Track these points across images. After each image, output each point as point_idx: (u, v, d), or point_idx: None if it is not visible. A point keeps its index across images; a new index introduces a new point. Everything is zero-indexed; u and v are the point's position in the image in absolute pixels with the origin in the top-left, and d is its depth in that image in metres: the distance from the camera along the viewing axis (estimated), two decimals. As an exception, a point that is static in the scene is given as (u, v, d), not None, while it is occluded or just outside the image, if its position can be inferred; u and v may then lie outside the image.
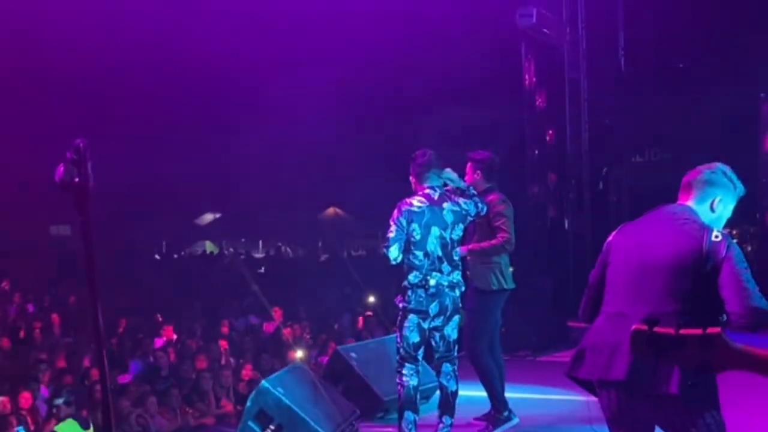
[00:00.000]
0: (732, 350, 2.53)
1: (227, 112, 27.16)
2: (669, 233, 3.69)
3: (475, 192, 6.20)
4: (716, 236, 3.61)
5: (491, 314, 6.78)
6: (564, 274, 11.97)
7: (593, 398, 3.90)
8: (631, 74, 14.23)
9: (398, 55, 20.48)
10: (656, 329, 2.61)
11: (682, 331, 2.55)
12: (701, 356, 2.53)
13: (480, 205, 6.10)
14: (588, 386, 3.83)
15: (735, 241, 3.70)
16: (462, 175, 6.49)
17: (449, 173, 6.12)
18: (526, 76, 12.59)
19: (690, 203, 3.81)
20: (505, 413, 6.69)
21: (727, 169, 3.86)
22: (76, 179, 2.62)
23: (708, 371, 2.59)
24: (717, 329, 2.53)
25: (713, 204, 3.80)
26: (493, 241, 6.56)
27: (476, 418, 6.91)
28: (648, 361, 3.13)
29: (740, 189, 3.86)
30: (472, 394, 6.97)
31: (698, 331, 2.53)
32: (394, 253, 5.83)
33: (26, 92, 24.24)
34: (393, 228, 5.84)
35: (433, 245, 5.85)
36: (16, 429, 8.39)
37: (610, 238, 3.93)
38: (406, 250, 5.86)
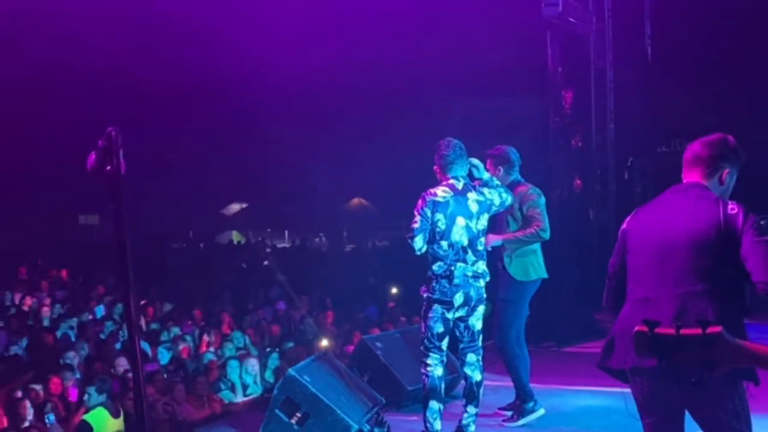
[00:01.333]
0: (733, 347, 2.54)
1: (254, 104, 27.25)
2: (685, 212, 3.65)
3: (499, 183, 6.20)
4: (732, 208, 3.57)
5: (525, 304, 6.80)
6: (589, 264, 11.92)
7: (620, 389, 3.90)
8: (658, 63, 14.12)
9: (423, 44, 20.48)
10: (657, 330, 2.62)
11: (683, 332, 2.56)
12: (703, 355, 2.54)
13: (504, 195, 6.10)
14: (620, 376, 3.81)
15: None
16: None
17: (475, 161, 6.12)
18: (551, 66, 12.51)
19: (699, 179, 3.76)
20: (531, 403, 6.70)
21: (729, 138, 3.80)
22: (108, 167, 2.61)
23: (711, 369, 2.60)
24: (718, 328, 2.55)
25: (722, 177, 3.75)
26: (528, 230, 6.58)
27: (501, 408, 6.93)
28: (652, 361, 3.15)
29: (743, 157, 3.80)
30: (497, 384, 6.98)
31: (698, 331, 2.54)
32: (418, 243, 5.83)
33: (58, 81, 24.46)
34: (417, 218, 5.83)
35: (457, 235, 5.84)
36: (46, 416, 8.52)
37: (624, 225, 3.88)
38: (431, 240, 5.85)
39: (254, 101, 27.12)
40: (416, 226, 5.83)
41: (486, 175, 6.14)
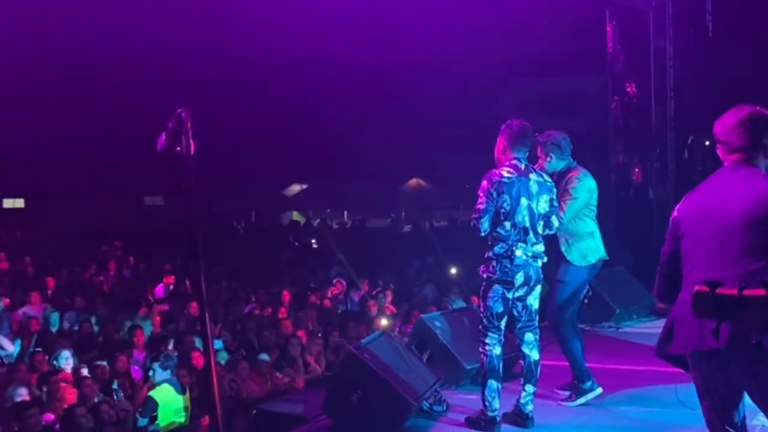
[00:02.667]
0: None
1: (314, 86, 27.43)
2: (735, 192, 3.61)
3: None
4: None
5: (583, 286, 6.75)
6: (647, 244, 11.83)
7: (674, 370, 3.90)
8: (719, 40, 13.87)
9: (479, 26, 20.38)
10: (719, 291, 2.61)
11: (746, 292, 2.54)
12: (765, 316, 2.51)
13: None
14: (680, 362, 3.78)
15: None
16: (535, 158, 6.51)
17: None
18: (610, 43, 12.40)
19: (742, 156, 3.70)
20: (588, 383, 6.68)
21: (760, 109, 3.74)
22: (178, 148, 2.73)
23: None
24: None
25: (766, 150, 3.70)
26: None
27: (559, 387, 6.95)
28: (712, 322, 3.16)
29: None
30: (554, 363, 7.02)
31: (761, 292, 2.52)
32: (485, 224, 5.82)
33: (125, 67, 24.94)
34: (483, 199, 5.83)
35: (521, 216, 5.85)
36: (114, 393, 8.75)
37: (675, 213, 3.84)
38: (495, 220, 5.85)
39: (314, 83, 27.32)
40: (482, 207, 5.83)
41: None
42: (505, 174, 5.87)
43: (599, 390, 6.72)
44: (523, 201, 5.87)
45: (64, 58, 24.89)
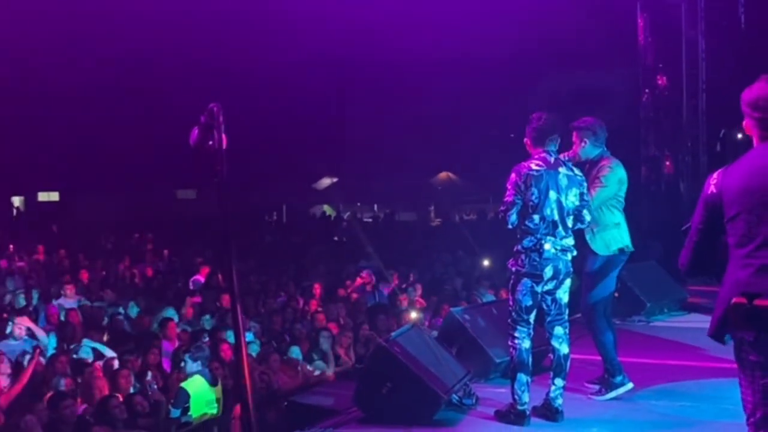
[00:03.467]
0: None
1: (344, 81, 27.53)
2: None
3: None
4: None
5: (611, 278, 6.71)
6: (678, 238, 11.73)
7: (704, 365, 3.85)
8: (752, 32, 13.72)
9: (510, 18, 20.30)
10: (756, 302, 2.56)
11: None
12: None
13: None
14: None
15: None
16: (570, 145, 6.50)
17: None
18: (641, 36, 12.33)
19: None
20: (619, 377, 6.65)
21: None
22: (210, 142, 2.76)
23: None
24: None
25: None
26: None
27: (589, 381, 6.94)
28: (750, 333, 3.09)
29: None
30: (584, 357, 7.01)
31: None
32: (512, 217, 5.83)
33: (159, 63, 25.18)
34: (511, 192, 5.83)
35: (549, 209, 5.84)
36: (148, 385, 8.85)
37: (713, 188, 3.65)
38: (523, 214, 5.85)
39: (345, 78, 27.41)
40: (510, 200, 5.84)
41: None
42: (533, 167, 5.87)
43: (630, 385, 6.68)
44: (552, 194, 5.86)
45: (99, 54, 25.19)
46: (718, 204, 3.63)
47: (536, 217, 5.84)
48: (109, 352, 9.65)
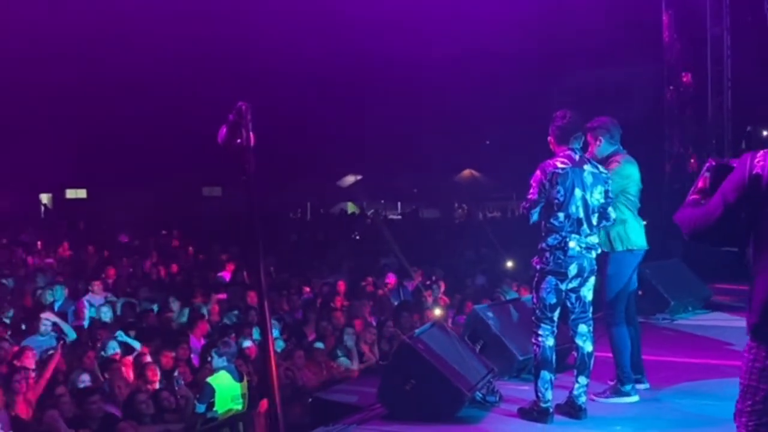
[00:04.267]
0: None
1: (368, 78, 27.56)
2: None
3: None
4: None
5: (625, 278, 6.61)
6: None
7: (728, 363, 3.84)
8: (778, 28, 13.62)
9: (532, 14, 20.23)
10: None
11: None
12: None
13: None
14: None
15: None
16: (587, 144, 6.48)
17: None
18: (666, 32, 12.26)
19: None
20: (628, 386, 6.53)
21: None
22: (238, 140, 2.79)
23: None
24: None
25: None
26: None
27: (611, 380, 6.91)
28: None
29: None
30: (608, 355, 7.01)
31: None
32: (534, 216, 5.84)
33: (187, 62, 25.38)
34: (535, 190, 5.83)
35: (575, 207, 5.85)
36: (175, 380, 8.95)
37: (758, 170, 3.44)
38: (548, 211, 5.85)
39: (368, 76, 27.44)
40: (534, 198, 5.85)
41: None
42: (559, 165, 5.87)
43: (635, 398, 6.54)
44: (577, 192, 5.86)
45: (127, 51, 25.41)
46: (764, 188, 3.45)
47: (561, 215, 5.84)
48: (139, 347, 9.76)
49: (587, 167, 5.98)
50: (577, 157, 5.96)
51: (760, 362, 3.57)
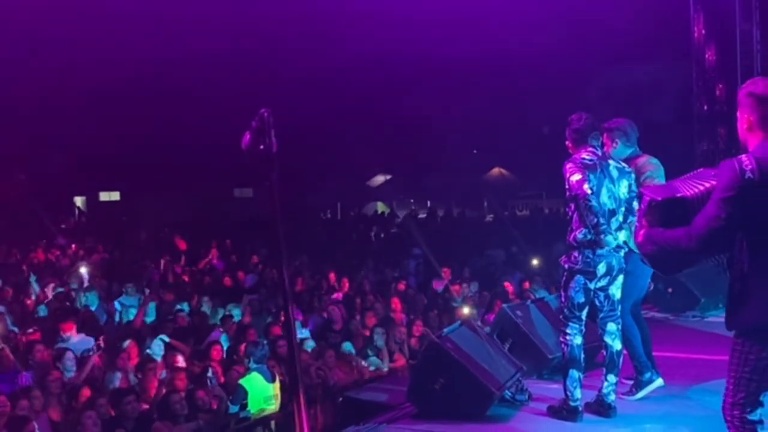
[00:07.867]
0: None
1: (398, 79, 27.64)
2: None
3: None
4: None
5: (642, 275, 6.54)
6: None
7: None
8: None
9: (560, 12, 20.19)
10: None
11: None
12: None
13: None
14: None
15: None
16: (602, 145, 6.46)
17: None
18: (695, 29, 12.18)
19: None
20: (647, 374, 6.54)
21: None
22: (261, 146, 2.83)
23: None
24: None
25: None
26: None
27: (626, 378, 6.73)
28: None
29: None
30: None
31: None
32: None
33: (217, 67, 25.64)
34: (575, 169, 5.74)
35: (605, 197, 5.82)
36: (209, 380, 9.04)
37: (749, 174, 3.52)
38: (576, 206, 5.79)
39: (398, 77, 27.51)
40: (581, 177, 5.71)
41: None
42: (585, 156, 5.86)
43: (659, 381, 6.55)
44: (607, 183, 5.84)
45: (159, 56, 25.68)
46: (757, 189, 3.50)
47: (595, 205, 5.74)
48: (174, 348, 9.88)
49: (612, 162, 5.99)
50: (600, 153, 5.97)
51: (754, 354, 3.69)
